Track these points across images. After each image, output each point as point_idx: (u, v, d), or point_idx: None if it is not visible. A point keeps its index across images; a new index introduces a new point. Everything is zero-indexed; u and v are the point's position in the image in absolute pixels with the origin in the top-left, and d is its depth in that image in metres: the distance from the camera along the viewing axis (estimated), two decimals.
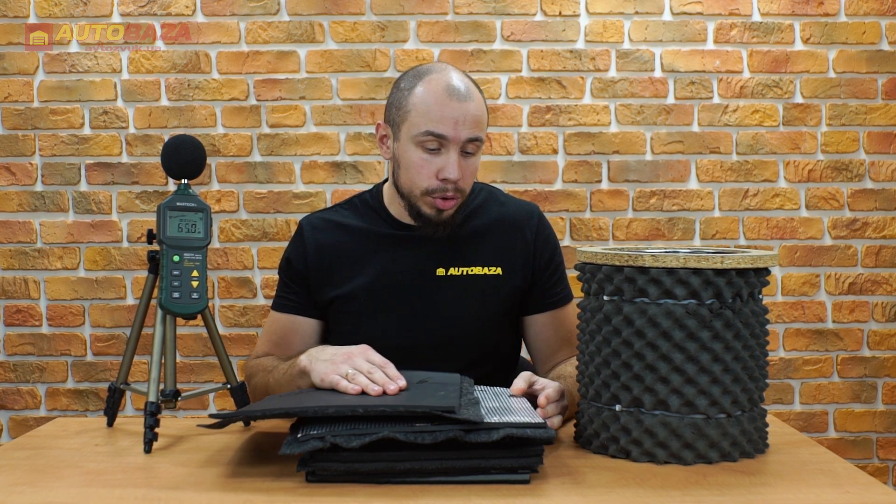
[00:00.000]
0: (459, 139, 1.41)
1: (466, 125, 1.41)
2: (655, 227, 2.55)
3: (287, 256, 1.58)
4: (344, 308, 1.53)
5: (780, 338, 2.57)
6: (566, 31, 2.52)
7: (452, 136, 1.41)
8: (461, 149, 1.42)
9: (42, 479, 1.09)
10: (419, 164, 1.43)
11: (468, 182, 1.47)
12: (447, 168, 1.41)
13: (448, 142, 1.41)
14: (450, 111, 1.40)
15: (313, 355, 1.29)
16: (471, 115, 1.41)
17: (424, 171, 1.43)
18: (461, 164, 1.43)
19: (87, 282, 2.52)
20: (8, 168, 2.52)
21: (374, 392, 1.15)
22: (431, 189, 1.43)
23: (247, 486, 1.05)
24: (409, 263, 1.52)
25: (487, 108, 1.50)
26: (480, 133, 1.44)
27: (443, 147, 1.42)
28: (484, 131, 1.45)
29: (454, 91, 1.42)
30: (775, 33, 2.54)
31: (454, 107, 1.40)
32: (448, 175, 1.41)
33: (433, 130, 1.41)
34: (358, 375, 1.19)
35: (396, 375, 1.19)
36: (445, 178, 1.42)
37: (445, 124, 1.40)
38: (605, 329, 1.16)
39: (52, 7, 2.49)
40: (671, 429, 1.12)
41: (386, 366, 1.21)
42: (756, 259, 1.14)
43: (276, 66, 2.51)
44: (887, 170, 2.57)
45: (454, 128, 1.40)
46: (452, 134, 1.41)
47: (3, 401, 2.53)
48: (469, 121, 1.41)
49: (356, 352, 1.25)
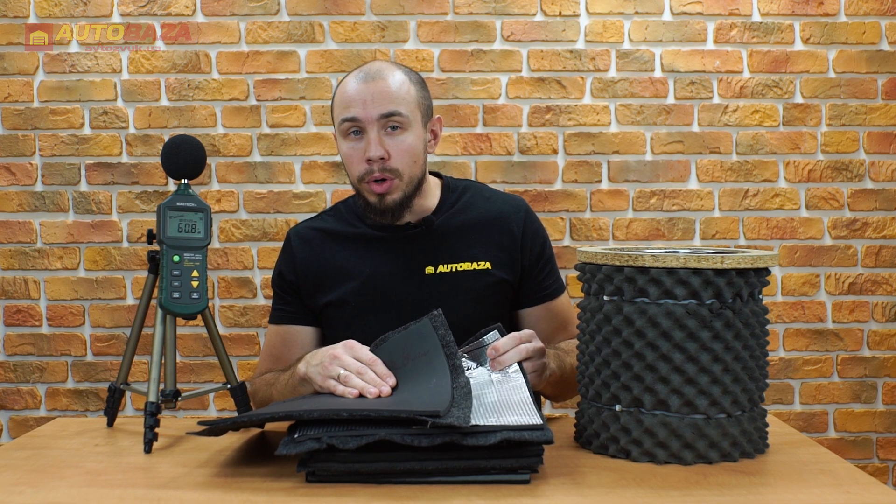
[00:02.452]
0: (371, 117, 1.44)
1: (376, 102, 1.44)
2: (655, 227, 2.55)
3: (278, 269, 1.61)
4: (336, 313, 1.54)
5: (780, 338, 2.57)
6: (566, 31, 2.52)
7: (364, 116, 1.44)
8: (382, 126, 1.45)
9: (42, 479, 1.09)
10: (349, 154, 1.48)
11: (402, 161, 1.47)
12: (367, 148, 1.44)
13: (362, 122, 1.45)
14: (357, 94, 1.45)
15: (308, 360, 1.30)
16: (378, 92, 1.45)
17: (354, 158, 1.47)
18: (384, 141, 1.45)
19: (87, 282, 2.52)
20: (8, 168, 2.52)
21: (372, 395, 1.17)
22: (362, 174, 1.47)
23: (247, 486, 1.05)
24: (398, 264, 1.52)
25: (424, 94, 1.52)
26: (396, 107, 1.45)
27: (363, 130, 1.46)
28: (405, 107, 1.46)
29: (361, 75, 1.47)
30: (775, 33, 2.54)
31: (360, 88, 1.45)
32: (370, 154, 1.44)
33: (345, 115, 1.46)
34: (350, 377, 1.20)
35: (386, 373, 1.21)
36: (369, 159, 1.44)
37: (355, 106, 1.45)
38: (606, 329, 1.16)
39: (52, 7, 2.49)
40: (671, 429, 1.12)
41: (374, 363, 1.22)
42: (756, 259, 1.14)
43: (276, 66, 2.51)
44: (887, 170, 2.57)
45: (363, 107, 1.44)
46: (363, 114, 1.44)
47: (3, 401, 2.53)
48: (378, 97, 1.44)
49: (341, 350, 1.25)
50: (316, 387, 1.26)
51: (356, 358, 1.23)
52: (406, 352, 1.24)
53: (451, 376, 1.16)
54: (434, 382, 1.14)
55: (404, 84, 1.48)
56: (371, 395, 1.17)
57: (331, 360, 1.24)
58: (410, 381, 1.18)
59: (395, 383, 1.20)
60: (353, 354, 1.24)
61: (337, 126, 1.49)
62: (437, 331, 1.25)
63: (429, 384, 1.14)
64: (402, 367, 1.22)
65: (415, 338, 1.26)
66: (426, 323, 1.27)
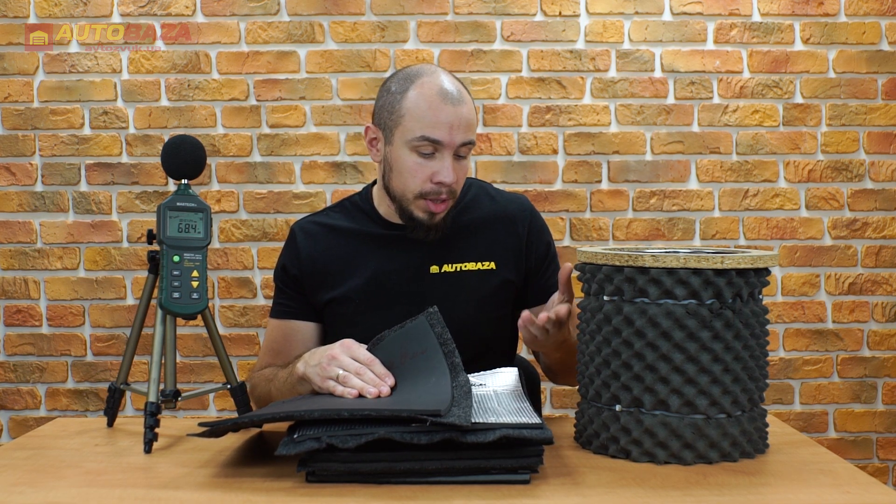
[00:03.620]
0: (454, 143, 1.42)
1: (461, 129, 1.42)
2: (655, 227, 2.55)
3: (282, 263, 1.60)
4: (339, 310, 1.54)
5: (780, 338, 2.57)
6: (566, 32, 2.52)
7: (448, 141, 1.41)
8: (456, 151, 1.43)
9: (42, 479, 1.09)
10: (413, 169, 1.44)
11: (461, 185, 1.48)
12: (442, 172, 1.42)
13: (443, 146, 1.42)
14: (444, 116, 1.41)
15: (306, 360, 1.30)
16: (464, 119, 1.42)
17: (419, 175, 1.44)
18: (455, 167, 1.44)
19: (87, 282, 2.52)
20: (8, 168, 2.52)
21: (371, 395, 1.17)
22: (425, 192, 1.44)
23: (247, 486, 1.05)
24: (403, 263, 1.52)
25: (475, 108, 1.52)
26: (473, 136, 1.45)
27: (437, 151, 1.43)
28: (475, 134, 1.47)
29: (448, 95, 1.42)
30: (775, 33, 2.54)
31: (448, 111, 1.41)
32: (443, 179, 1.42)
33: (429, 136, 1.41)
34: (349, 378, 1.20)
35: (384, 373, 1.21)
36: (440, 182, 1.43)
37: (441, 129, 1.41)
38: (606, 329, 1.16)
39: (52, 7, 2.49)
40: (671, 429, 1.12)
41: (372, 363, 1.22)
42: (756, 259, 1.14)
43: (276, 67, 2.51)
44: (887, 170, 2.57)
45: (449, 133, 1.41)
46: (448, 139, 1.41)
47: (3, 401, 2.53)
48: (463, 125, 1.42)
49: (338, 350, 1.25)
50: (315, 387, 1.26)
51: (354, 358, 1.23)
52: (403, 350, 1.24)
53: (451, 375, 1.16)
54: (433, 381, 1.14)
55: (474, 108, 1.47)
56: (370, 395, 1.17)
57: (329, 361, 1.24)
58: (409, 381, 1.18)
59: (394, 383, 1.20)
60: (350, 354, 1.24)
61: (406, 137, 1.43)
62: (434, 328, 1.25)
63: (428, 383, 1.14)
64: (399, 366, 1.22)
65: (412, 336, 1.26)
66: (423, 321, 1.27)
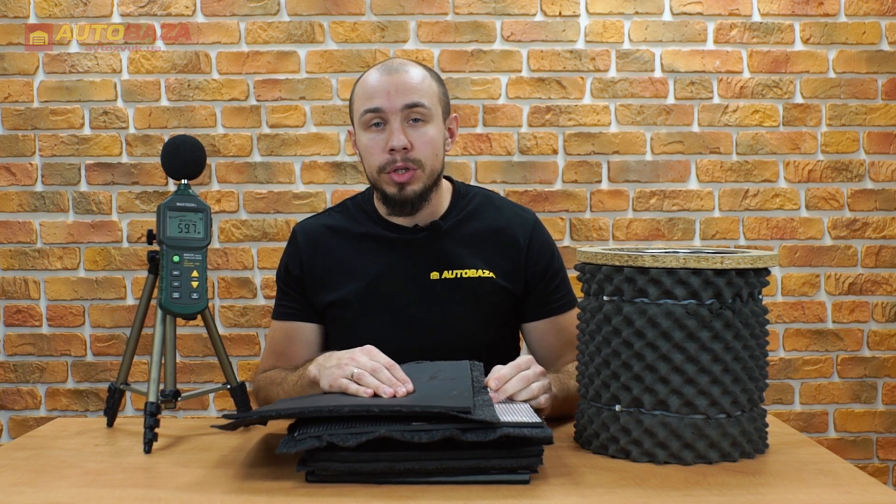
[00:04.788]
0: (395, 107, 1.45)
1: (399, 93, 1.45)
2: (655, 227, 2.55)
3: (284, 263, 1.59)
4: (339, 313, 1.53)
5: (780, 338, 2.57)
6: (566, 32, 2.53)
7: (387, 106, 1.45)
8: (405, 118, 1.46)
9: (42, 479, 1.09)
10: (369, 145, 1.48)
11: (424, 153, 1.47)
12: (391, 138, 1.45)
13: (386, 113, 1.45)
14: (380, 84, 1.46)
15: (321, 363, 1.28)
16: (402, 83, 1.46)
17: (375, 148, 1.47)
18: (407, 132, 1.45)
19: (87, 282, 2.52)
20: (8, 168, 2.52)
21: (387, 394, 1.14)
22: (384, 164, 1.47)
23: (247, 486, 1.05)
24: (403, 268, 1.51)
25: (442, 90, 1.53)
26: (420, 98, 1.46)
27: (385, 122, 1.46)
28: (427, 99, 1.47)
29: (384, 68, 1.49)
30: (775, 33, 2.54)
31: (384, 80, 1.46)
32: (393, 144, 1.44)
33: (369, 107, 1.46)
34: (364, 375, 1.18)
35: (404, 378, 1.18)
36: (393, 149, 1.44)
37: (378, 97, 1.45)
38: (605, 329, 1.16)
39: (52, 7, 2.49)
40: (671, 429, 1.12)
41: (392, 366, 1.20)
42: (756, 259, 1.14)
43: (276, 67, 2.51)
44: (887, 170, 2.57)
45: (387, 98, 1.45)
46: (387, 104, 1.45)
47: (3, 401, 2.53)
48: (402, 88, 1.45)
49: (359, 352, 1.24)
50: (324, 387, 1.23)
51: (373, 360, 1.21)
52: (433, 374, 1.24)
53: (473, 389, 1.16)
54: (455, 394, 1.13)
55: (426, 78, 1.49)
56: (386, 394, 1.14)
57: (349, 360, 1.22)
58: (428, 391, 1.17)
59: (413, 389, 1.17)
60: (370, 356, 1.23)
61: (358, 118, 1.49)
62: (473, 371, 1.25)
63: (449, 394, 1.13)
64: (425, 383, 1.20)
65: (447, 367, 1.27)
66: (465, 363, 1.29)
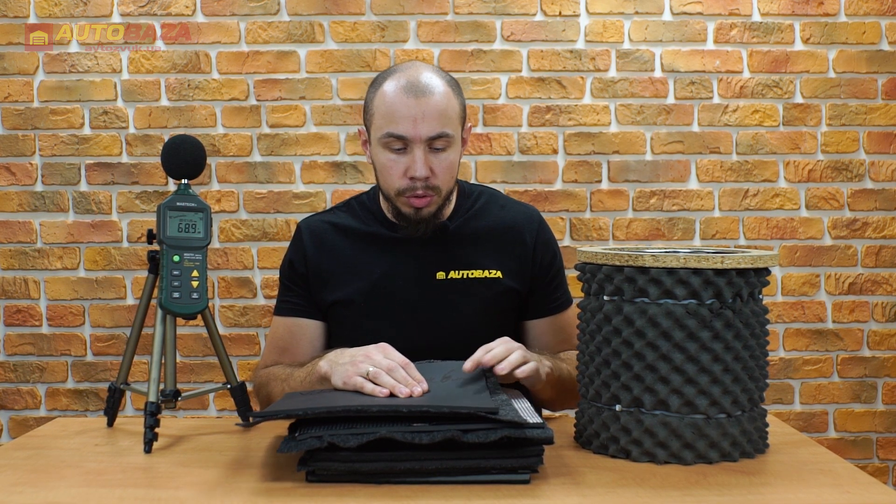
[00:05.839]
0: (420, 137, 1.39)
1: (426, 122, 1.38)
2: (655, 227, 2.55)
3: (288, 259, 1.58)
4: (343, 312, 1.52)
5: (780, 338, 2.57)
6: (566, 31, 2.52)
7: (413, 136, 1.39)
8: (428, 146, 1.40)
9: (42, 479, 1.09)
10: (388, 166, 1.43)
11: (443, 179, 1.44)
12: (413, 167, 1.40)
13: (410, 141, 1.40)
14: (407, 110, 1.38)
15: (332, 359, 1.27)
16: (430, 111, 1.38)
17: (394, 171, 1.42)
18: (429, 161, 1.41)
19: (87, 282, 2.52)
20: (8, 168, 2.52)
21: (403, 394, 1.14)
22: (403, 189, 1.43)
23: (247, 487, 1.05)
24: (409, 267, 1.51)
25: (462, 102, 1.47)
26: (445, 129, 1.40)
27: (407, 146, 1.41)
28: (451, 126, 1.42)
29: (412, 88, 1.39)
30: (775, 33, 2.54)
31: (411, 105, 1.38)
32: (415, 174, 1.40)
33: (393, 132, 1.40)
34: (380, 374, 1.17)
35: (419, 378, 1.18)
36: (413, 177, 1.41)
37: (404, 124, 1.39)
38: (606, 329, 1.16)
39: (52, 7, 2.49)
40: (671, 429, 1.12)
41: (407, 365, 1.20)
42: (756, 259, 1.14)
43: (276, 66, 2.51)
44: (887, 170, 2.57)
45: (413, 126, 1.38)
46: (412, 133, 1.39)
47: (3, 401, 2.53)
48: (429, 117, 1.38)
49: (374, 349, 1.23)
50: (336, 384, 1.22)
51: (389, 358, 1.21)
52: (446, 374, 1.23)
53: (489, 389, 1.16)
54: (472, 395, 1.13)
55: (450, 99, 1.42)
56: (402, 394, 1.13)
57: (363, 358, 1.21)
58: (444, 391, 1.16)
59: (428, 389, 1.16)
60: (385, 355, 1.22)
61: (377, 135, 1.42)
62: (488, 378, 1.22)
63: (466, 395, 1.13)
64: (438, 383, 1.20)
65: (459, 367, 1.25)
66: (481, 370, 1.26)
